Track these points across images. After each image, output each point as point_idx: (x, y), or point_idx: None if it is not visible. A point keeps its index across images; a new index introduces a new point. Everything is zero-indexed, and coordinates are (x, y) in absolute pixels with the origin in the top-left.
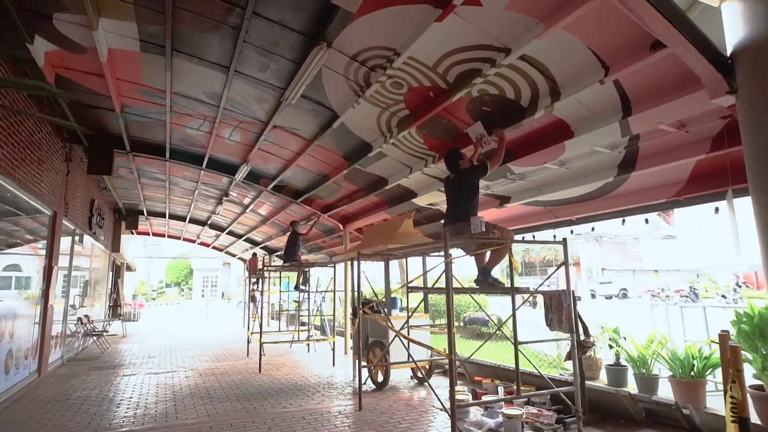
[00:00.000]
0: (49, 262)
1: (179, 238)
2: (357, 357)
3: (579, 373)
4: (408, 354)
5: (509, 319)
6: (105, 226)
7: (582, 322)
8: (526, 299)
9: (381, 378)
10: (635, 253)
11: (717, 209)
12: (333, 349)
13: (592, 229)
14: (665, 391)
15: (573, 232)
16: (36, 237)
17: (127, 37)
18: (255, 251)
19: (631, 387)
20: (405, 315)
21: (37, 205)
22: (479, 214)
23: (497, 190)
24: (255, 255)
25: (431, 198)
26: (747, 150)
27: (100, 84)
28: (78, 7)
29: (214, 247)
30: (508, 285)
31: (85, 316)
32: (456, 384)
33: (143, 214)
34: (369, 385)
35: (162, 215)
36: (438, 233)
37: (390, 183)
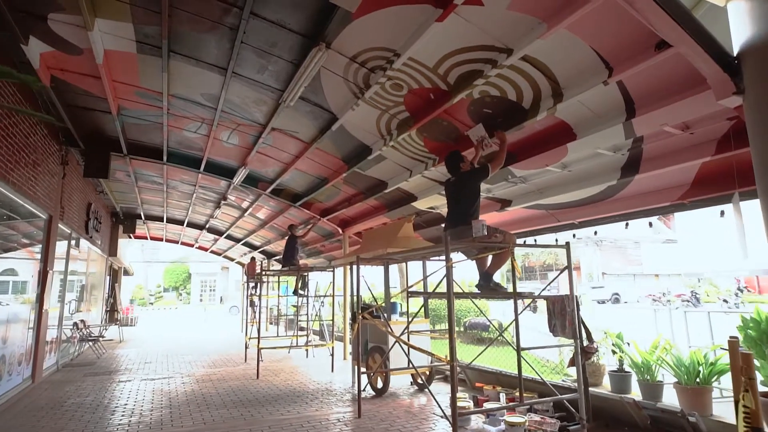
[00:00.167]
0: (44, 266)
1: (177, 242)
2: (356, 363)
3: (583, 380)
4: (408, 360)
5: (511, 325)
6: (102, 230)
7: (585, 327)
8: (528, 305)
9: (380, 384)
10: (635, 258)
11: (723, 212)
12: (332, 355)
13: (594, 233)
14: (670, 398)
15: (575, 236)
16: (32, 241)
17: (123, 38)
18: (253, 255)
19: (635, 393)
20: (405, 320)
21: (32, 209)
22: (480, 217)
23: (498, 193)
24: (253, 259)
25: (431, 201)
26: (755, 152)
27: (96, 86)
28: (73, 7)
29: (212, 252)
30: (509, 289)
31: (81, 321)
32: (457, 391)
33: (141, 217)
34: (368, 392)
35: (160, 219)
36: (438, 237)
37: (390, 186)
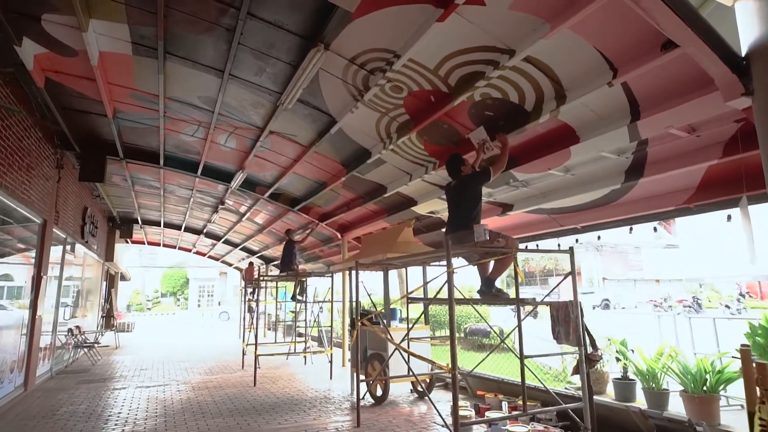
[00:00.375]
0: (38, 271)
1: (175, 247)
2: (355, 370)
3: (588, 388)
4: (408, 367)
5: (513, 331)
6: (98, 234)
7: (589, 334)
8: (530, 311)
9: (380, 392)
10: (636, 263)
11: (729, 217)
12: (330, 362)
13: (598, 238)
14: (676, 407)
15: (578, 240)
16: (27, 246)
17: (119, 40)
18: (251, 260)
19: (640, 402)
20: (405, 327)
21: (26, 213)
22: (481, 222)
23: (500, 197)
24: (251, 264)
25: (432, 206)
26: (765, 154)
27: (91, 88)
28: (67, 8)
29: (210, 257)
30: (510, 295)
31: (76, 326)
32: (458, 399)
33: (138, 222)
34: (367, 400)
35: (157, 224)
36: (439, 242)
37: (389, 190)
